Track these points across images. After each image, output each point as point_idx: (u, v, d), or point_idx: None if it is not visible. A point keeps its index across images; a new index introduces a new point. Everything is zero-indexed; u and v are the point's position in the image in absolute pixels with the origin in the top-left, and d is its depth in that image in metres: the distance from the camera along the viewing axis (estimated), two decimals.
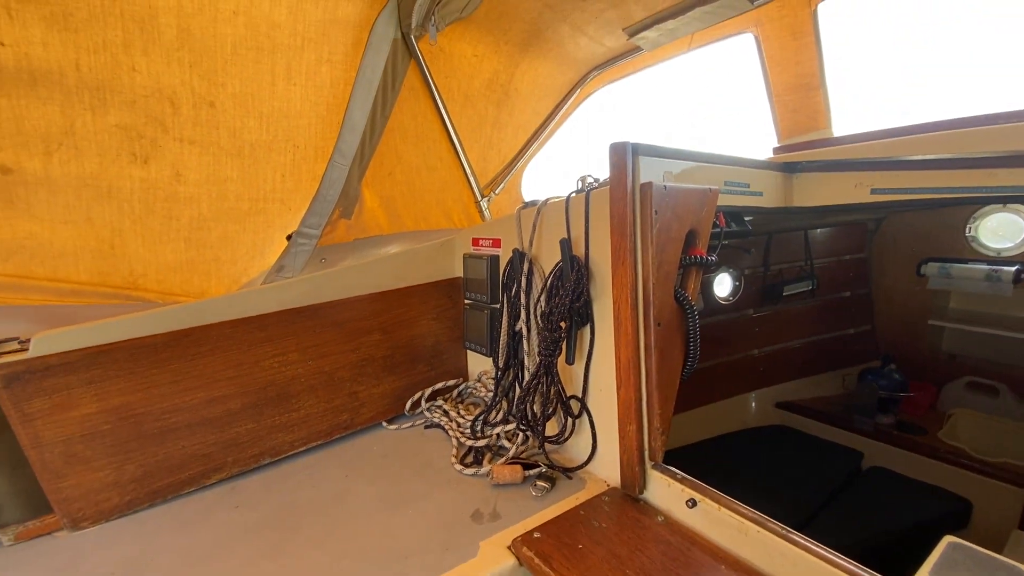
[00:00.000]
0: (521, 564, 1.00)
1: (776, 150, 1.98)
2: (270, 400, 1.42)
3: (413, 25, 1.52)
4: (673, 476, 1.11)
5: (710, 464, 1.07)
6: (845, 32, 1.78)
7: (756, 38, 1.85)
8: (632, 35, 1.71)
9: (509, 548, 1.02)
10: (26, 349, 1.16)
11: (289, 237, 1.59)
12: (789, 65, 1.82)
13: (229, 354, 1.36)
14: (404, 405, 1.66)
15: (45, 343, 1.16)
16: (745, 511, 0.98)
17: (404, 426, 1.61)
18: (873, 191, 1.48)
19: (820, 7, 1.65)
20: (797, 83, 1.83)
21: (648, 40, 1.72)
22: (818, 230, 2.57)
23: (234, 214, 1.49)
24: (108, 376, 1.20)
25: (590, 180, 1.32)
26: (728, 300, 2.49)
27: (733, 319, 2.52)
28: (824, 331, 2.72)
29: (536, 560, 0.98)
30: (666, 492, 1.11)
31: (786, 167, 1.64)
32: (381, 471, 1.36)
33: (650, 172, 1.16)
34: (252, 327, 1.40)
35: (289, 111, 1.44)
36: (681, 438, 2.35)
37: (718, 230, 1.40)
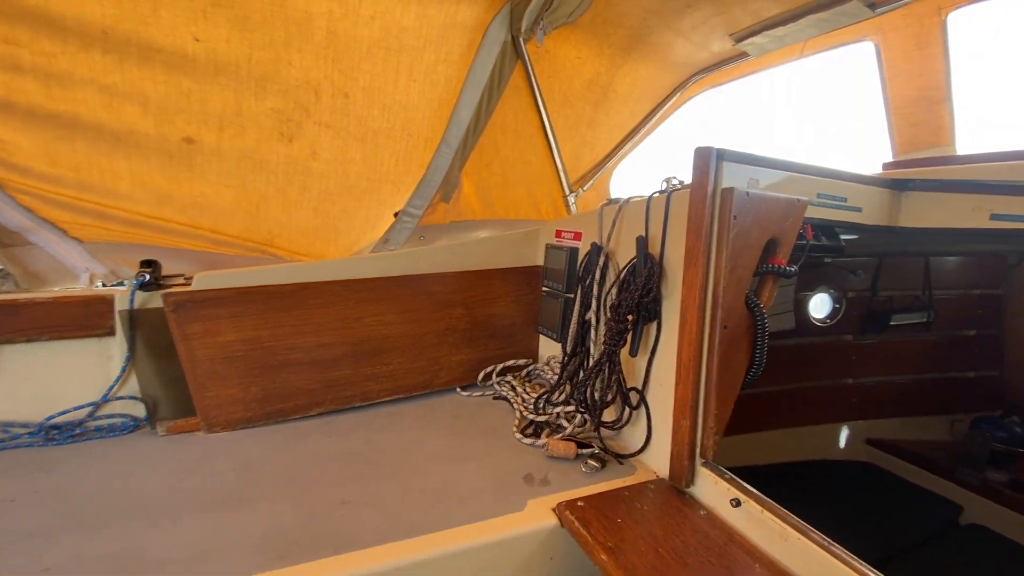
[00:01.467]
0: (562, 525, 1.10)
1: (887, 165, 1.85)
2: (366, 353, 1.64)
3: (523, 29, 1.65)
4: (721, 475, 1.13)
5: (786, 489, 1.07)
6: (975, 43, 1.62)
7: (876, 47, 1.74)
8: (739, 41, 1.70)
9: (553, 510, 1.12)
10: (189, 284, 1.47)
11: (396, 215, 1.81)
12: (912, 76, 1.69)
13: (338, 308, 1.59)
14: (477, 376, 1.81)
15: (203, 280, 1.46)
16: (789, 517, 0.99)
17: (475, 394, 1.77)
18: (993, 216, 1.36)
19: (951, 16, 1.52)
20: (919, 96, 1.70)
21: (756, 46, 1.70)
22: (944, 259, 2.33)
23: (354, 191, 1.73)
24: (246, 313, 1.48)
25: (675, 182, 1.36)
26: (824, 322, 2.35)
27: (828, 342, 2.37)
28: (936, 369, 2.47)
29: (576, 523, 1.06)
30: (712, 489, 1.14)
31: (895, 184, 1.55)
32: (450, 428, 1.52)
33: (735, 178, 1.19)
34: (359, 289, 1.62)
35: (407, 104, 1.64)
36: (756, 456, 2.27)
37: (804, 242, 1.38)
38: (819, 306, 2.33)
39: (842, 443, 2.48)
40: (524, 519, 1.10)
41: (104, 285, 1.55)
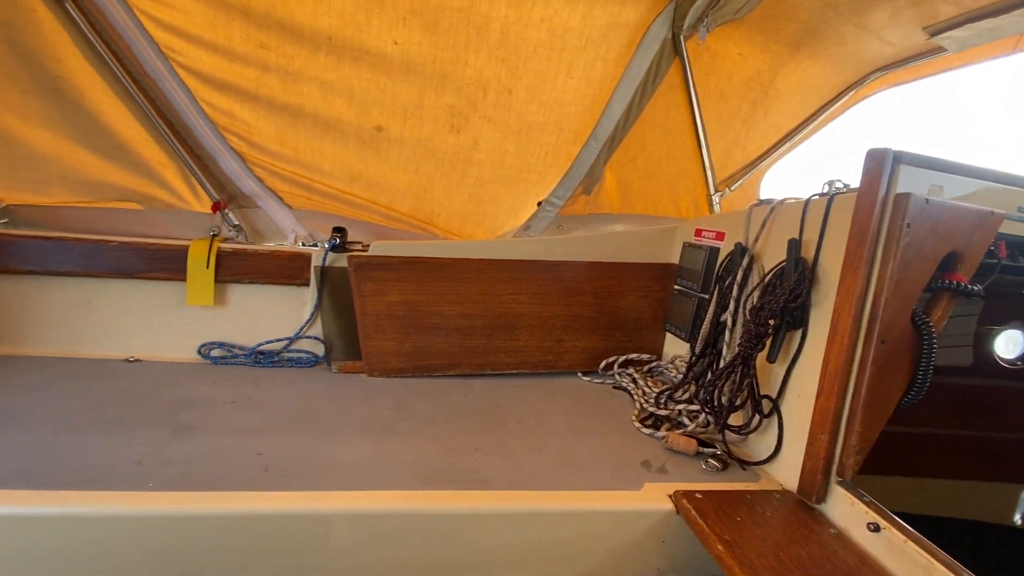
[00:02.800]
0: (678, 513, 1.13)
1: None
2: (500, 327, 1.79)
3: (685, 26, 1.66)
4: (859, 496, 1.07)
5: (940, 545, 0.97)
6: None
7: None
8: (935, 34, 1.52)
9: (670, 496, 1.15)
10: (366, 250, 1.74)
11: (539, 204, 1.94)
12: None
13: (481, 284, 1.77)
14: (598, 364, 1.88)
15: (378, 248, 1.72)
16: (938, 552, 0.91)
17: (595, 381, 1.84)
18: None
19: None
20: None
21: (956, 40, 1.51)
22: None
23: (505, 180, 1.90)
24: (408, 279, 1.71)
25: (838, 185, 1.29)
26: (1016, 364, 2.01)
27: (1019, 389, 2.02)
28: None
29: (693, 512, 1.09)
30: (847, 510, 1.08)
31: None
32: (571, 407, 1.61)
33: (912, 183, 1.10)
34: (500, 268, 1.78)
35: (563, 100, 1.75)
36: (903, 502, 2.02)
37: (995, 261, 1.22)
38: (1009, 344, 1.99)
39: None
40: (640, 498, 1.15)
41: (304, 245, 1.90)
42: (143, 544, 0.97)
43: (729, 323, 1.50)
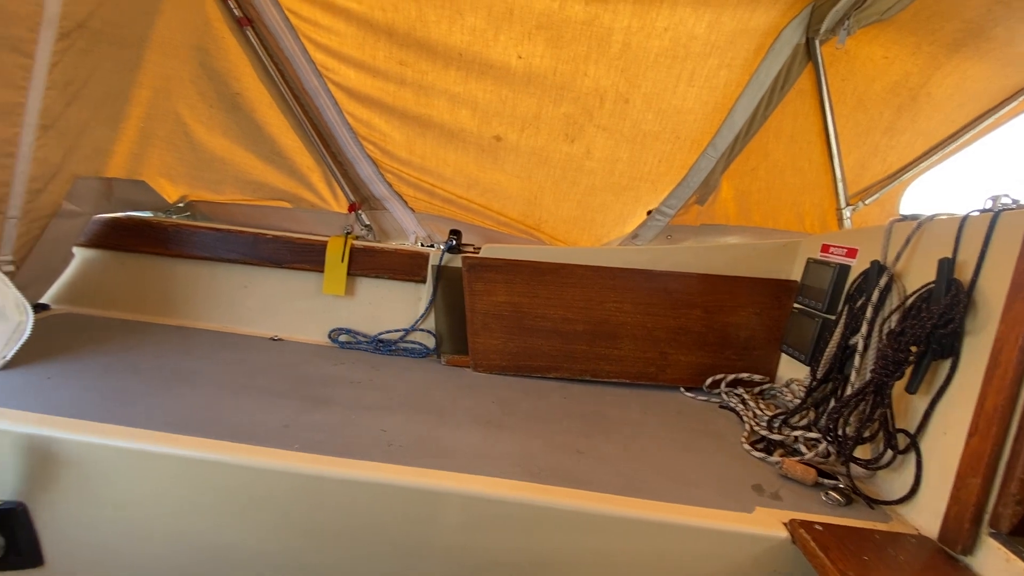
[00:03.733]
0: (794, 542, 1.06)
1: None
2: (602, 334, 1.80)
3: (822, 30, 1.56)
4: (1019, 553, 0.94)
5: None
6: None
7: None
8: None
9: (785, 524, 1.09)
10: (477, 252, 1.84)
11: (649, 213, 1.92)
12: None
13: (584, 290, 1.79)
14: (703, 381, 1.81)
15: (490, 251, 1.81)
16: None
17: (699, 398, 1.77)
18: None
19: None
20: None
21: None
22: None
23: (615, 188, 1.91)
24: (515, 281, 1.78)
25: (1006, 200, 1.15)
26: None
27: None
28: None
29: (813, 544, 1.02)
30: (1002, 566, 0.95)
31: None
32: (674, 421, 1.57)
33: None
34: (604, 275, 1.79)
35: (682, 108, 1.72)
36: None
37: None
38: None
39: None
40: (751, 521, 1.10)
41: (422, 245, 2.05)
42: (286, 495, 1.12)
43: (860, 347, 1.38)
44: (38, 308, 1.76)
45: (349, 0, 1.61)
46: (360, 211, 1.99)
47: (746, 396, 1.72)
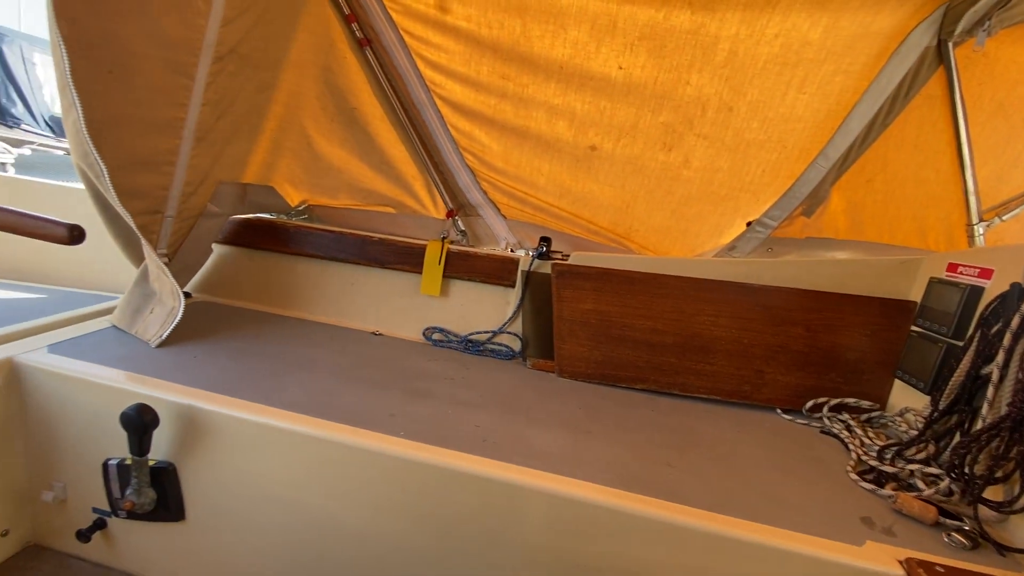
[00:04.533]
0: None
1: None
2: (693, 348, 1.76)
3: (957, 32, 1.44)
4: None
5: None
6: None
7: None
8: None
9: (901, 562, 1.01)
10: (566, 259, 1.87)
11: (749, 224, 1.86)
12: None
13: (676, 302, 1.76)
14: (802, 403, 1.71)
15: (579, 258, 1.83)
16: None
17: (797, 421, 1.67)
18: None
19: None
20: None
21: None
22: None
23: (712, 198, 1.86)
24: (604, 289, 1.79)
25: None
26: None
27: None
28: None
29: None
30: None
31: None
32: (770, 443, 1.50)
33: None
34: (698, 287, 1.75)
35: (790, 116, 1.65)
36: None
37: None
38: None
39: None
40: (862, 555, 1.03)
41: (512, 251, 2.12)
42: (391, 478, 1.21)
43: (995, 378, 1.24)
44: (184, 296, 2.02)
45: (459, 19, 1.71)
46: (456, 217, 2.10)
47: (852, 423, 1.60)
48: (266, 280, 2.04)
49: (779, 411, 1.73)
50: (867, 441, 1.49)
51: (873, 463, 1.39)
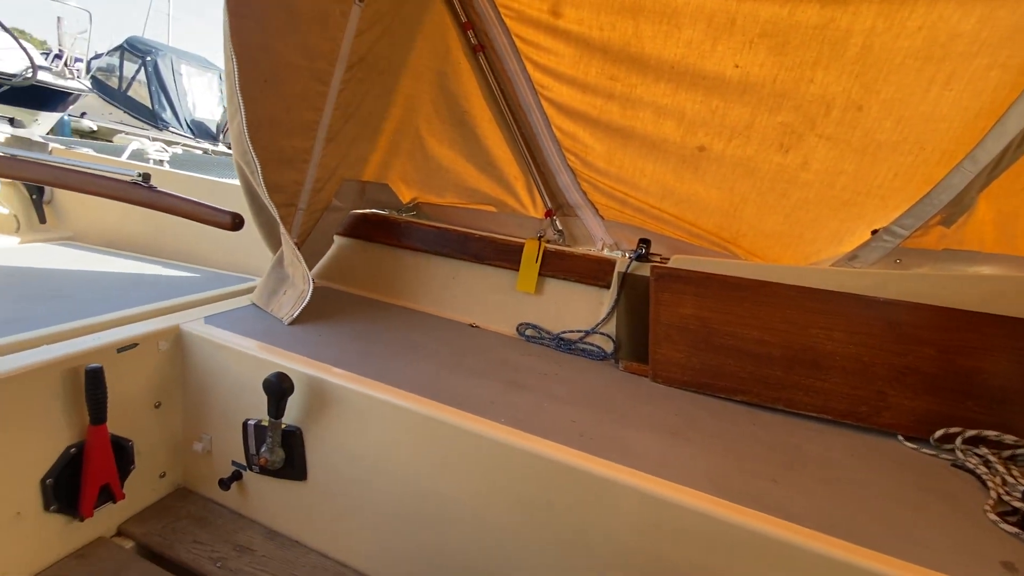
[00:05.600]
0: None
1: None
2: (803, 362, 1.65)
3: None
4: None
5: None
6: None
7: None
8: None
9: None
10: (666, 262, 1.83)
11: (874, 232, 1.71)
12: None
13: (786, 312, 1.66)
14: (930, 431, 1.54)
15: (680, 261, 1.79)
16: None
17: (923, 450, 1.52)
18: None
19: None
20: None
21: None
22: None
23: (833, 203, 1.74)
24: (705, 295, 1.74)
25: None
26: None
27: None
28: None
29: None
30: None
31: None
32: (891, 472, 1.37)
33: None
34: (812, 298, 1.64)
35: (932, 115, 1.50)
36: None
37: None
38: None
39: None
40: None
41: (608, 252, 2.12)
42: (491, 462, 1.27)
43: None
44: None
45: (571, 23, 1.75)
46: (555, 217, 2.14)
47: (992, 458, 1.42)
48: (377, 270, 2.21)
49: (900, 438, 1.58)
50: (1010, 480, 1.32)
51: (1017, 504, 1.23)
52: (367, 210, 2.26)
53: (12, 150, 1.75)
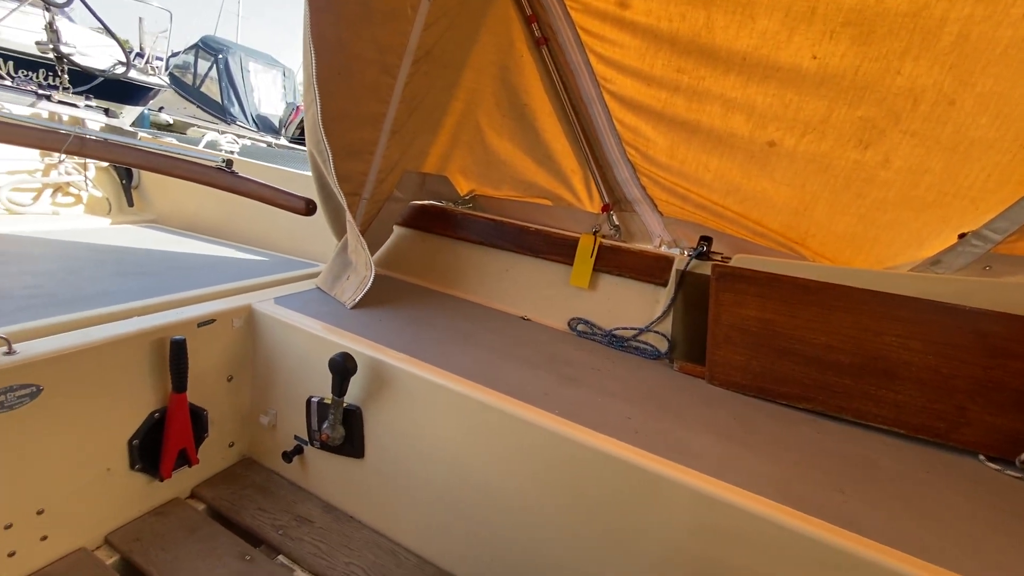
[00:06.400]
0: None
1: None
2: (874, 371, 1.56)
3: None
4: None
5: None
6: None
7: None
8: None
9: None
10: (728, 261, 1.78)
11: (961, 236, 1.59)
12: None
13: (858, 317, 1.57)
14: (1016, 452, 1.43)
15: (743, 260, 1.73)
16: None
17: (1008, 472, 1.40)
18: None
19: None
20: None
21: None
22: None
23: (915, 203, 1.63)
24: (770, 296, 1.67)
25: None
26: None
27: None
28: None
29: None
30: None
31: None
32: (971, 491, 1.28)
33: None
34: (887, 303, 1.55)
35: None
36: None
37: None
38: None
39: None
40: None
41: (666, 249, 2.07)
42: (545, 452, 1.28)
43: None
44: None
45: (639, 14, 1.72)
46: (611, 212, 2.11)
47: None
48: (433, 260, 2.26)
49: (982, 457, 1.47)
50: None
51: None
52: (426, 201, 2.31)
53: (112, 136, 1.92)
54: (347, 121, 1.74)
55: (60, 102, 2.68)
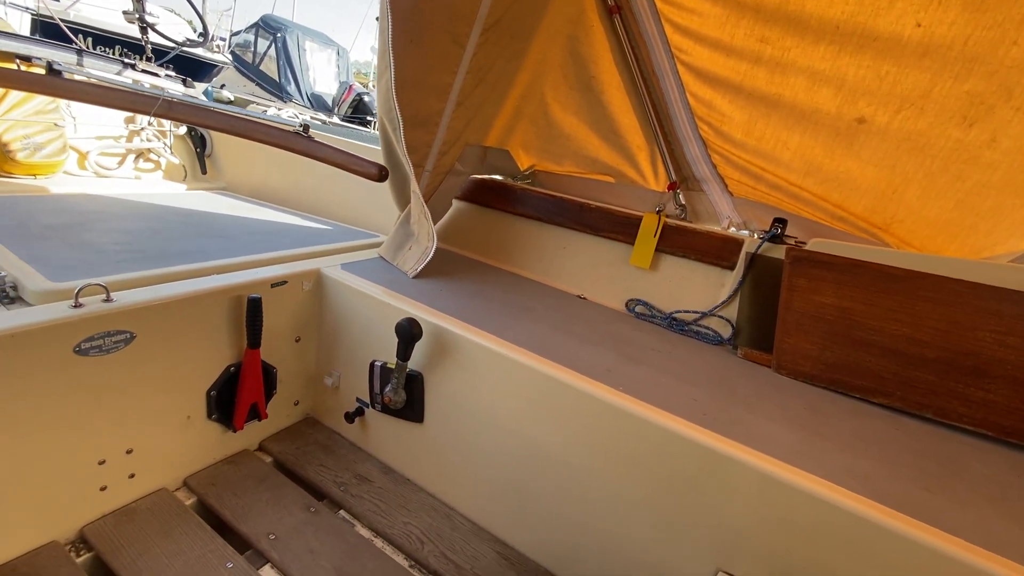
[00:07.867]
0: None
1: None
2: (963, 368, 1.45)
3: None
4: None
5: None
6: None
7: None
8: None
9: None
10: (803, 244, 1.68)
11: None
12: None
13: (948, 309, 1.46)
14: None
15: (820, 245, 1.63)
16: None
17: None
18: None
19: None
20: None
21: None
22: None
23: (1023, 188, 1.49)
24: (849, 283, 1.58)
25: None
26: None
27: None
28: None
29: None
30: None
31: None
32: None
33: None
34: (983, 296, 1.43)
35: None
36: None
37: None
38: None
39: None
40: None
41: (735, 231, 1.99)
42: (609, 427, 1.26)
43: None
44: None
45: None
46: (678, 191, 2.04)
47: None
48: (490, 235, 2.26)
49: None
50: None
51: None
52: (485, 175, 2.31)
53: (197, 99, 2.00)
54: (417, 90, 1.75)
55: (144, 71, 2.82)
